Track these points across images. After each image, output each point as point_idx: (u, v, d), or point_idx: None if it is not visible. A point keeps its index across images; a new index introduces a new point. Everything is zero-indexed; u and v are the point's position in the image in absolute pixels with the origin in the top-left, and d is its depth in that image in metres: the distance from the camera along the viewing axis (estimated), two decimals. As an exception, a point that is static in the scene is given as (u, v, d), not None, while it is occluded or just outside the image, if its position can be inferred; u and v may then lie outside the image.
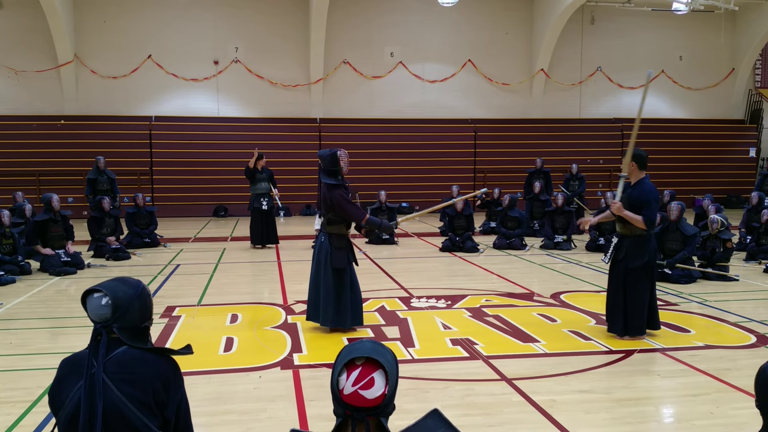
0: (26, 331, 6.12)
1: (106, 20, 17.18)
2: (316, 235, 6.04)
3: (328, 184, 5.77)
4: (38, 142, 16.58)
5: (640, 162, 5.60)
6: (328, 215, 5.80)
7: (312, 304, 5.95)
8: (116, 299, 2.14)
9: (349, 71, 18.45)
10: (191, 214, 17.12)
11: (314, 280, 5.91)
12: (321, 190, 5.90)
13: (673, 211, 8.58)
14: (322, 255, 5.80)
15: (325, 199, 5.78)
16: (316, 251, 5.91)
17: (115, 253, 10.18)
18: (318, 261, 5.85)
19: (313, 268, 5.94)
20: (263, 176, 11.43)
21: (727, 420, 3.95)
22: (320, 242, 5.88)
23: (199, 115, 17.73)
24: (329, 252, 5.77)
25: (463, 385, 4.57)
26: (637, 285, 5.52)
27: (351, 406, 1.66)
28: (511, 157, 18.55)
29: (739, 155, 20.38)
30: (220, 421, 3.96)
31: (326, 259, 5.77)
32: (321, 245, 5.85)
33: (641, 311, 5.56)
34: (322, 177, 5.85)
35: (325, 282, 5.78)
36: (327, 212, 5.81)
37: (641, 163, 5.60)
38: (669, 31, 19.93)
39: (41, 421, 3.92)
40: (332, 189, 5.74)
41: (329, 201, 5.74)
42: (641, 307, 5.55)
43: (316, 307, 5.89)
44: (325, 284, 5.78)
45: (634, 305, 5.54)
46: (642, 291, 5.53)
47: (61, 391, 2.11)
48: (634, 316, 5.57)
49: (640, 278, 5.53)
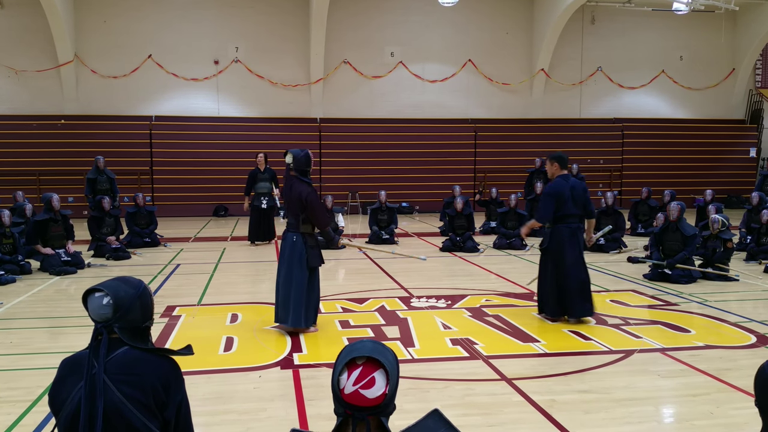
0: (26, 331, 6.12)
1: (107, 20, 17.19)
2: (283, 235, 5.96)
3: (303, 184, 5.76)
4: (38, 141, 16.59)
5: (561, 162, 6.37)
6: (301, 215, 5.76)
7: (283, 305, 5.81)
8: (117, 299, 2.14)
9: (350, 71, 18.45)
10: (191, 213, 17.13)
11: (286, 281, 5.79)
12: (290, 190, 5.81)
13: (672, 211, 8.58)
14: (295, 255, 5.75)
15: (299, 199, 5.72)
16: (288, 251, 5.80)
17: (116, 252, 10.18)
18: (290, 261, 5.77)
19: (284, 269, 5.81)
20: (265, 176, 11.71)
21: (727, 420, 3.95)
22: (291, 242, 5.79)
23: (200, 115, 17.74)
24: (303, 252, 5.75)
25: (463, 384, 4.57)
26: (545, 269, 6.38)
27: (352, 406, 1.66)
28: (512, 157, 18.56)
29: (740, 155, 20.38)
30: (220, 421, 3.96)
31: (300, 259, 5.74)
32: (294, 245, 5.77)
33: (549, 292, 6.32)
34: (297, 177, 5.80)
35: (299, 282, 5.72)
36: (299, 212, 5.76)
37: (562, 164, 6.37)
38: (669, 31, 19.93)
39: (41, 420, 3.92)
40: (308, 189, 5.74)
41: (304, 201, 5.71)
42: (547, 287, 6.34)
43: (286, 309, 5.78)
44: (298, 284, 5.72)
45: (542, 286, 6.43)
46: (553, 274, 6.29)
47: (61, 392, 2.11)
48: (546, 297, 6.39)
49: (543, 261, 6.42)
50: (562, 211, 6.22)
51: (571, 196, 6.21)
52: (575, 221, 6.28)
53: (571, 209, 6.22)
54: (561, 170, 6.33)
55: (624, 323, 6.23)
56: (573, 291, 6.17)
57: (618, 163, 19.75)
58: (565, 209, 6.21)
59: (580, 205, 6.28)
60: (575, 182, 6.31)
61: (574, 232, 6.26)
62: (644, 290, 7.82)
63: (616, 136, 19.74)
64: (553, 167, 6.36)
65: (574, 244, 6.25)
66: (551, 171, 6.39)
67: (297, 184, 5.79)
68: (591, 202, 6.40)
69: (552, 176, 6.40)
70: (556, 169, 6.34)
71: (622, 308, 6.88)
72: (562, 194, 6.19)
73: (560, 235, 6.24)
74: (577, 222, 6.29)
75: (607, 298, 7.35)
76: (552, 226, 6.31)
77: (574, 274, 6.20)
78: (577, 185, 6.29)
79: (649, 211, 12.89)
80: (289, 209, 5.90)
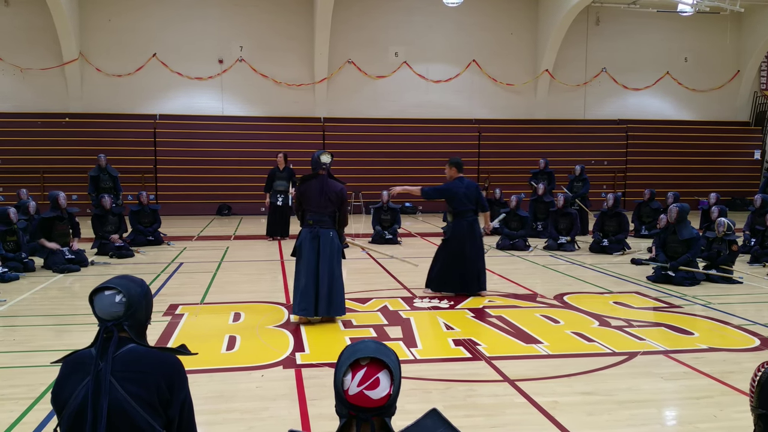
0: (29, 328, 6.13)
1: (112, 18, 17.23)
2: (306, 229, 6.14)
3: (338, 182, 6.13)
4: (43, 139, 16.62)
5: (457, 166, 7.46)
6: (337, 212, 6.13)
7: (327, 298, 6.03)
8: (130, 297, 2.15)
9: (354, 71, 18.45)
10: (195, 212, 17.16)
11: (330, 275, 6.05)
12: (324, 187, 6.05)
13: (671, 213, 8.55)
14: (335, 250, 6.10)
15: (338, 196, 6.07)
16: (328, 247, 6.06)
17: (119, 251, 10.20)
18: (332, 256, 6.07)
19: (326, 264, 6.04)
20: (283, 175, 12.33)
21: (730, 423, 3.93)
22: (330, 238, 6.08)
23: (204, 114, 17.77)
24: (341, 247, 6.20)
25: (466, 385, 4.56)
26: (441, 254, 7.45)
27: (356, 407, 1.66)
28: (515, 158, 18.53)
29: (744, 157, 20.33)
30: (222, 420, 3.96)
31: (338, 254, 6.15)
32: (332, 240, 6.09)
33: (441, 272, 7.38)
34: (329, 175, 6.12)
35: (339, 276, 6.13)
36: (336, 209, 6.10)
37: (458, 168, 7.45)
38: (674, 33, 19.88)
39: (43, 418, 3.92)
40: (343, 188, 6.13)
41: (341, 198, 6.10)
42: (437, 268, 7.43)
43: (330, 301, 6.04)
44: (339, 278, 6.13)
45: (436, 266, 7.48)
46: (448, 258, 7.35)
47: (64, 389, 2.11)
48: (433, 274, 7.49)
49: (443, 248, 7.43)
50: (458, 207, 7.31)
51: (465, 194, 7.29)
52: (471, 215, 7.40)
53: (466, 205, 7.33)
54: (458, 173, 7.42)
55: (627, 325, 6.21)
56: (472, 274, 7.33)
57: (622, 165, 19.71)
58: (461, 206, 7.30)
59: (474, 202, 7.37)
60: (469, 183, 7.47)
61: (471, 224, 7.37)
62: (648, 292, 7.80)
63: (620, 137, 19.70)
64: (451, 171, 7.45)
65: (473, 236, 7.38)
66: (449, 174, 7.45)
67: (330, 182, 6.10)
68: (483, 198, 7.60)
69: (450, 178, 7.44)
70: (453, 173, 7.43)
71: (625, 310, 6.86)
72: (456, 193, 7.28)
73: (461, 228, 7.33)
74: (472, 215, 7.42)
75: (610, 300, 7.34)
76: (453, 219, 7.41)
77: (473, 260, 7.35)
78: (471, 185, 7.46)
79: (652, 213, 12.85)
80: (322, 206, 6.09)
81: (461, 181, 7.40)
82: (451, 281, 7.38)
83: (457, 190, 7.31)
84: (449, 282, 7.39)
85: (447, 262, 7.38)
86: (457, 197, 7.29)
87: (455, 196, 7.30)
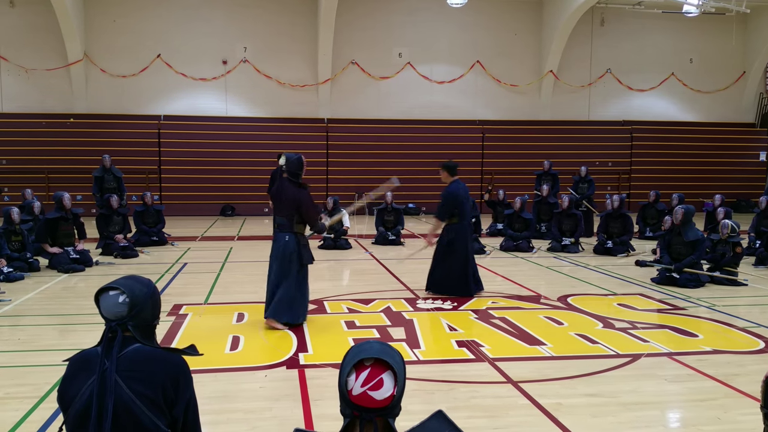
0: (34, 328, 6.15)
1: (116, 19, 17.27)
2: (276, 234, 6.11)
3: (296, 187, 5.99)
4: (48, 140, 16.67)
5: (450, 170, 7.49)
6: (295, 216, 5.95)
7: (278, 302, 5.99)
8: (133, 297, 2.16)
9: (357, 72, 18.46)
10: (199, 212, 17.18)
11: (277, 279, 5.98)
12: (281, 192, 6.00)
13: (676, 215, 8.53)
14: (287, 253, 5.94)
15: (294, 202, 5.92)
16: (281, 250, 5.97)
17: (123, 251, 10.22)
18: (282, 260, 5.96)
19: (276, 268, 6.00)
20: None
21: (734, 425, 3.92)
22: (284, 241, 5.97)
23: (208, 115, 17.79)
24: (296, 250, 5.96)
25: (469, 387, 4.56)
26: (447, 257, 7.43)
27: (360, 407, 1.66)
28: (520, 159, 18.51)
29: (749, 159, 20.26)
30: (226, 420, 3.97)
31: (291, 258, 5.95)
32: (286, 244, 5.96)
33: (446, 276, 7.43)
34: (289, 180, 6.02)
35: (297, 279, 5.97)
36: (293, 213, 5.94)
37: (451, 171, 7.49)
38: (679, 34, 19.83)
39: (48, 417, 3.94)
40: (301, 191, 5.97)
41: (297, 202, 5.91)
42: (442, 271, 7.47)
43: (281, 305, 5.98)
44: (296, 281, 5.97)
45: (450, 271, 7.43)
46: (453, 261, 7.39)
47: (70, 388, 2.12)
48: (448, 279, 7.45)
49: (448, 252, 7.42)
50: (462, 209, 7.42)
51: (465, 195, 7.49)
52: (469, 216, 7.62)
53: (467, 206, 7.53)
54: (452, 177, 7.49)
55: (631, 327, 6.20)
56: (475, 276, 7.52)
57: (626, 166, 19.66)
58: (464, 207, 7.46)
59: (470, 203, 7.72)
60: (464, 185, 7.60)
61: (470, 224, 7.66)
62: (652, 294, 7.78)
63: (625, 138, 19.66)
64: (445, 174, 7.53)
65: (471, 236, 7.67)
66: (444, 177, 7.53)
67: (289, 186, 5.98)
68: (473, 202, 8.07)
69: (445, 181, 7.54)
70: (447, 176, 7.52)
71: (629, 312, 6.84)
72: (459, 195, 7.40)
73: (464, 229, 7.47)
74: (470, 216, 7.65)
75: (614, 302, 7.32)
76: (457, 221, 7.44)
77: (473, 261, 7.58)
78: (465, 187, 7.60)
79: (657, 215, 12.83)
80: (280, 210, 6.03)
81: (458, 183, 7.55)
82: (454, 284, 7.43)
83: (459, 192, 7.46)
84: (453, 285, 7.44)
85: (451, 265, 7.42)
86: (460, 199, 7.46)
87: (458, 198, 7.44)
